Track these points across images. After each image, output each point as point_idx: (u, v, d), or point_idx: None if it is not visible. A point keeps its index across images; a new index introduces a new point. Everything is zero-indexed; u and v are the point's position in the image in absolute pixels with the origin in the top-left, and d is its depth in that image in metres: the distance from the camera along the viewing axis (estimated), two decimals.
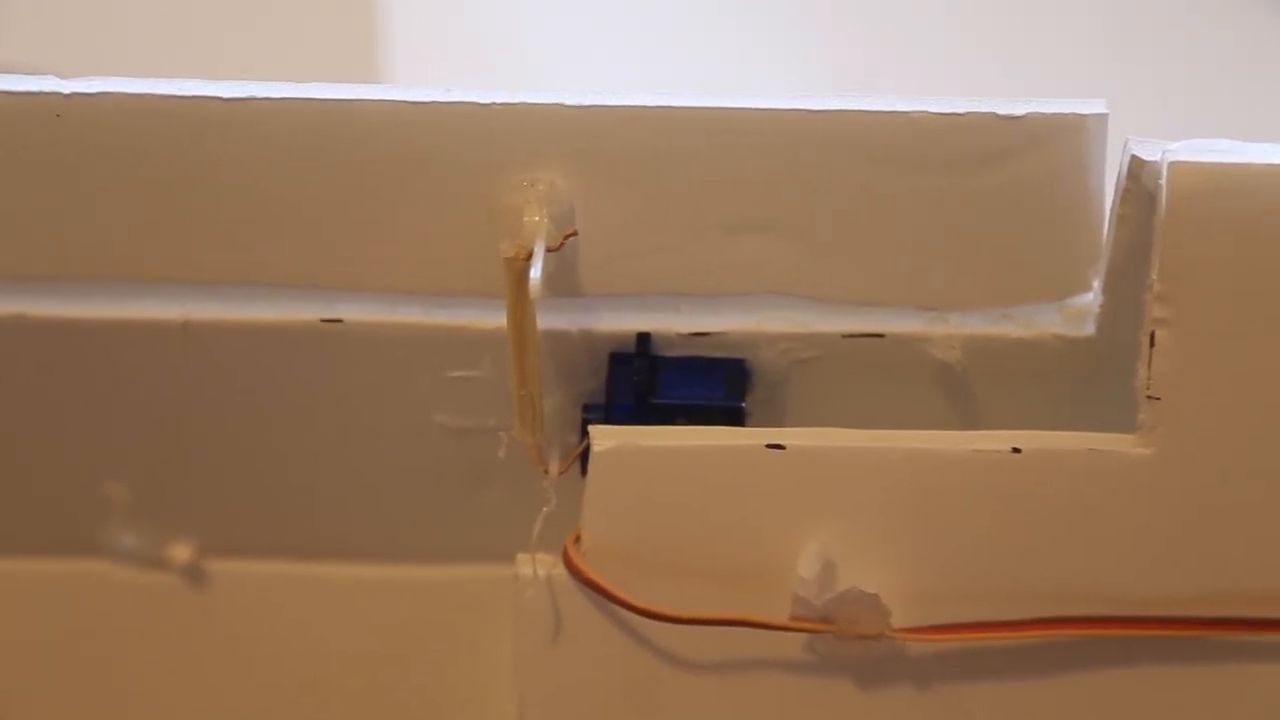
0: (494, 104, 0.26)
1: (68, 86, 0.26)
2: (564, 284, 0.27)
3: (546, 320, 0.27)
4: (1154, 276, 0.25)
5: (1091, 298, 0.27)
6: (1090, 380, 0.28)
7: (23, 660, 0.32)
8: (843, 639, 0.27)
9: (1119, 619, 0.27)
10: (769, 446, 0.26)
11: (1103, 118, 0.26)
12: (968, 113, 0.26)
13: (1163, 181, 0.25)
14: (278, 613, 0.32)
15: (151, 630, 0.32)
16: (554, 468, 0.27)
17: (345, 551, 0.31)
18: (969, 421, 0.28)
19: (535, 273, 0.25)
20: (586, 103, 0.26)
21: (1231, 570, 0.27)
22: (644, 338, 0.28)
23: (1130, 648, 0.28)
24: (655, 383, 0.28)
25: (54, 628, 0.32)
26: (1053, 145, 0.26)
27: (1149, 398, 0.26)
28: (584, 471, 0.27)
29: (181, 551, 0.31)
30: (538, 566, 0.27)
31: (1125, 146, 0.26)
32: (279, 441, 0.29)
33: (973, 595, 0.27)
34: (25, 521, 0.31)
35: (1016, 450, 0.26)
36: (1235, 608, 0.27)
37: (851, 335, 0.28)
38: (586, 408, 0.28)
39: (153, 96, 0.25)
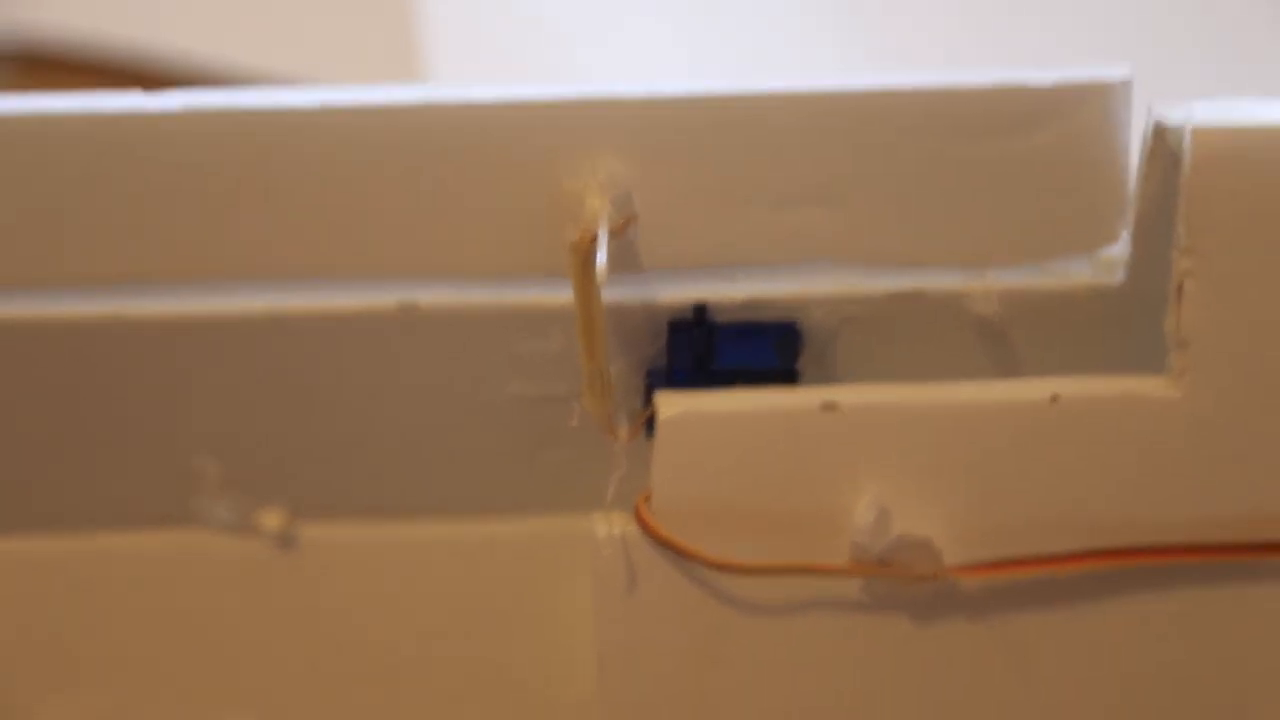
0: (554, 101, 0.27)
1: (154, 104, 0.27)
2: (624, 260, 0.28)
3: (609, 294, 0.28)
4: (1180, 231, 0.27)
5: (1120, 249, 0.29)
6: (1122, 325, 0.29)
7: (123, 629, 0.34)
8: (899, 580, 0.29)
9: (1155, 547, 0.29)
10: (823, 407, 0.28)
11: (1127, 84, 0.27)
12: (999, 85, 0.27)
13: (1186, 144, 0.26)
14: (364, 567, 0.33)
15: (247, 592, 0.33)
16: (623, 433, 0.29)
17: (427, 510, 0.33)
18: (1009, 370, 0.29)
19: (601, 258, 0.27)
20: (639, 95, 0.27)
21: (1256, 497, 0.29)
22: (700, 307, 0.29)
23: (1165, 574, 0.29)
24: (713, 348, 0.29)
25: (150, 597, 0.33)
26: (1080, 110, 0.27)
27: (1178, 344, 0.28)
28: (649, 434, 0.29)
29: (273, 518, 0.33)
30: (613, 526, 0.29)
31: (1150, 110, 0.27)
32: (362, 415, 0.31)
33: (1018, 534, 0.29)
34: (121, 497, 0.33)
35: (1055, 398, 0.28)
36: (1261, 531, 0.29)
37: (895, 294, 0.29)
38: (650, 374, 0.29)
39: (236, 111, 0.27)
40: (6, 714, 0.35)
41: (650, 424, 0.29)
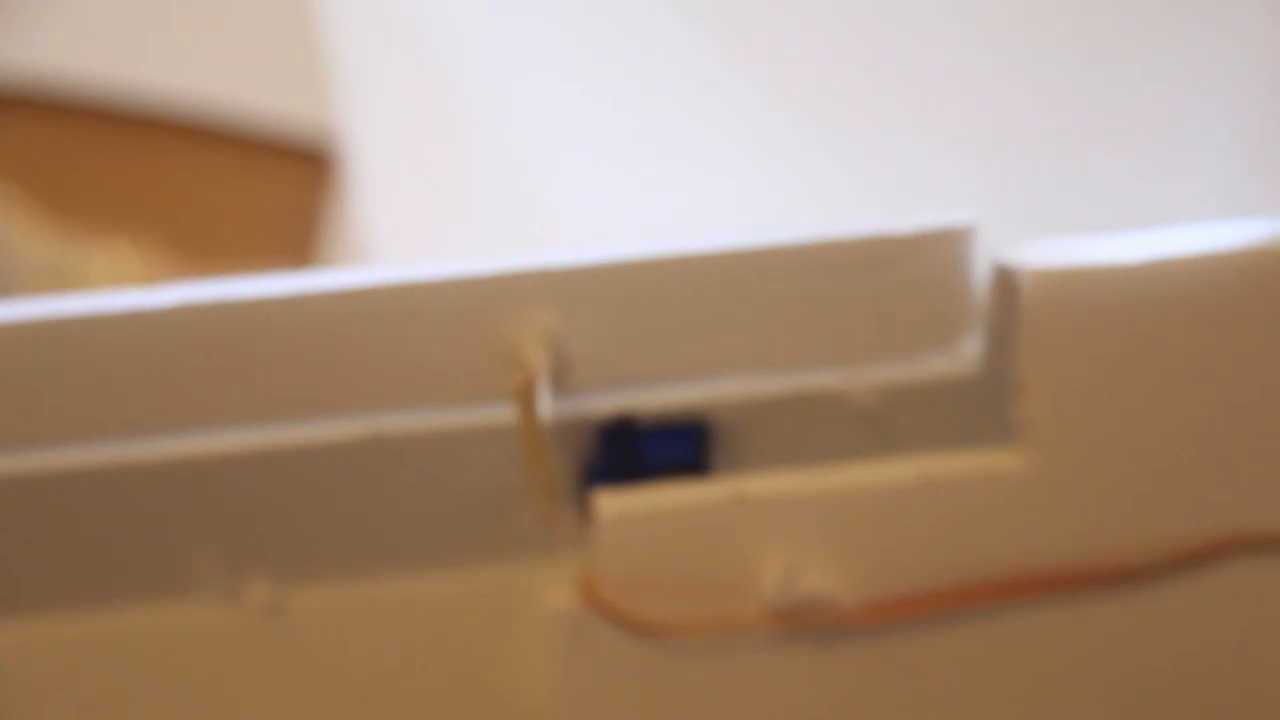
0: (492, 273, 0.32)
1: (151, 301, 0.31)
2: (560, 383, 0.33)
3: (547, 410, 0.33)
4: (1021, 343, 0.32)
5: (972, 345, 0.34)
6: (976, 404, 0.34)
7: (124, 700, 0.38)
8: (804, 628, 0.35)
9: (1009, 583, 0.35)
10: (732, 498, 0.33)
11: (971, 229, 0.32)
12: (867, 235, 0.32)
13: (1023, 283, 0.32)
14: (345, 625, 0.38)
15: (236, 658, 0.37)
16: (567, 527, 0.34)
17: (400, 567, 0.36)
18: (886, 446, 0.34)
19: (544, 404, 0.32)
20: (565, 263, 0.32)
21: (1088, 538, 0.34)
22: (626, 416, 0.34)
23: (1020, 605, 0.35)
24: (638, 448, 0.34)
25: (145, 672, 0.37)
26: (934, 248, 0.32)
27: (1024, 427, 0.33)
28: (588, 522, 0.34)
29: (259, 590, 0.37)
30: (562, 600, 0.34)
31: (992, 255, 0.32)
32: (342, 512, 0.35)
33: (901, 582, 0.34)
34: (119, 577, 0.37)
35: (924, 476, 0.33)
36: (1093, 563, 0.35)
37: (787, 394, 0.34)
38: (587, 471, 0.34)
39: (223, 302, 0.31)
40: None
41: (587, 506, 0.34)
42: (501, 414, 0.34)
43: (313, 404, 0.33)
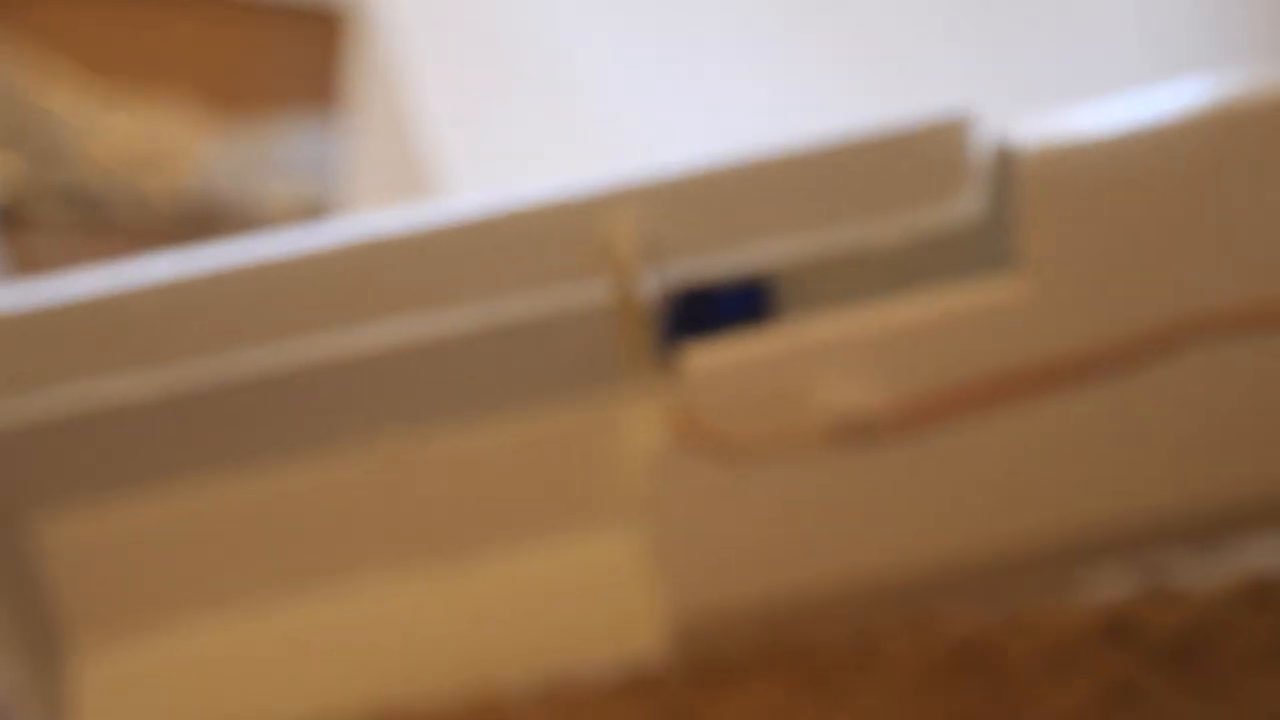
0: (588, 189, 0.38)
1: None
2: (645, 268, 0.40)
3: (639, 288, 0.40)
4: (1020, 202, 0.39)
5: (975, 198, 0.40)
6: (980, 246, 0.41)
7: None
8: (858, 437, 0.42)
9: (1022, 382, 0.42)
10: (797, 339, 0.41)
11: (974, 115, 0.39)
12: (889, 129, 0.39)
13: (1023, 156, 0.38)
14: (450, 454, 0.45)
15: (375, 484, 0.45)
16: (659, 374, 0.41)
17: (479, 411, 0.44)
18: (909, 281, 0.41)
19: (647, 287, 0.39)
20: (645, 175, 0.38)
21: (1078, 343, 0.42)
22: (697, 282, 0.41)
23: (1022, 404, 0.42)
24: (712, 306, 0.41)
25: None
26: (945, 131, 0.39)
27: (1026, 261, 0.40)
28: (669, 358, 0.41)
29: (390, 436, 0.43)
30: (659, 434, 0.41)
31: (995, 132, 0.39)
32: (455, 370, 0.42)
33: (930, 395, 0.42)
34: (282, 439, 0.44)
35: (948, 307, 0.41)
36: (1080, 356, 0.42)
37: (827, 251, 0.40)
38: (670, 332, 0.41)
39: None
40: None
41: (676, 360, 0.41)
42: (595, 292, 0.40)
43: (449, 297, 0.40)
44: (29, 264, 0.63)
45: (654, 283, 0.40)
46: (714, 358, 0.41)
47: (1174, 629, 0.49)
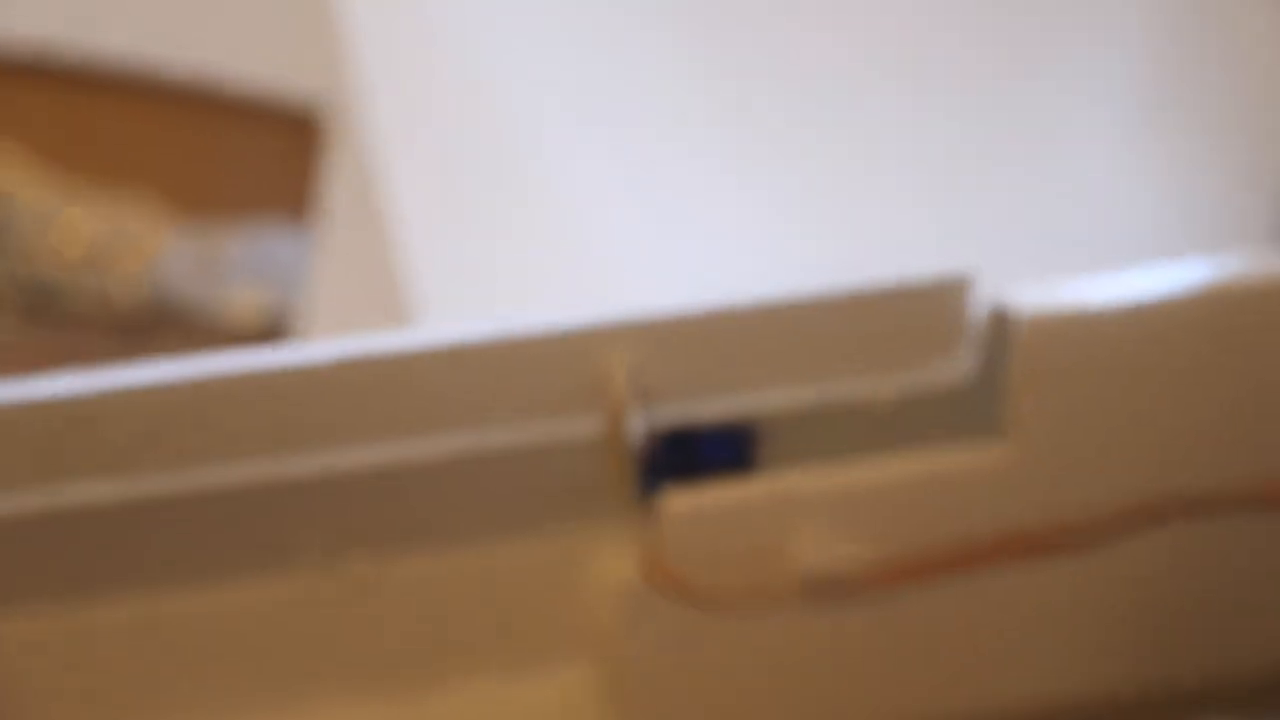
0: (586, 324, 0.38)
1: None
2: (635, 407, 0.40)
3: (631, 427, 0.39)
4: (1014, 369, 0.39)
5: (966, 360, 0.40)
6: (971, 406, 0.41)
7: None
8: (833, 594, 0.42)
9: (994, 550, 0.42)
10: (778, 491, 0.40)
11: (972, 277, 0.39)
12: (890, 287, 0.39)
13: (1018, 321, 0.39)
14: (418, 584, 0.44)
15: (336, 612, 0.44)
16: (638, 517, 0.41)
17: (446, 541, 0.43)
18: (896, 440, 0.41)
19: (635, 427, 0.39)
20: (642, 316, 0.38)
21: (1061, 513, 0.42)
22: (683, 424, 0.40)
23: (1006, 569, 0.42)
24: (696, 448, 0.41)
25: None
26: (945, 290, 0.39)
27: (1014, 428, 0.40)
28: (648, 499, 0.41)
29: (356, 563, 0.43)
30: (633, 575, 0.41)
31: (991, 296, 0.39)
32: (431, 498, 0.42)
33: (911, 554, 0.41)
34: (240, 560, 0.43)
35: (934, 470, 0.41)
36: (1061, 528, 0.42)
37: (817, 402, 0.40)
38: (652, 473, 0.40)
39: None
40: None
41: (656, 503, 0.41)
42: (582, 428, 0.40)
43: (429, 424, 0.40)
44: None
45: (641, 422, 0.40)
46: (691, 503, 0.40)
47: None
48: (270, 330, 0.63)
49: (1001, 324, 0.39)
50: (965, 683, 0.45)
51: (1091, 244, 0.57)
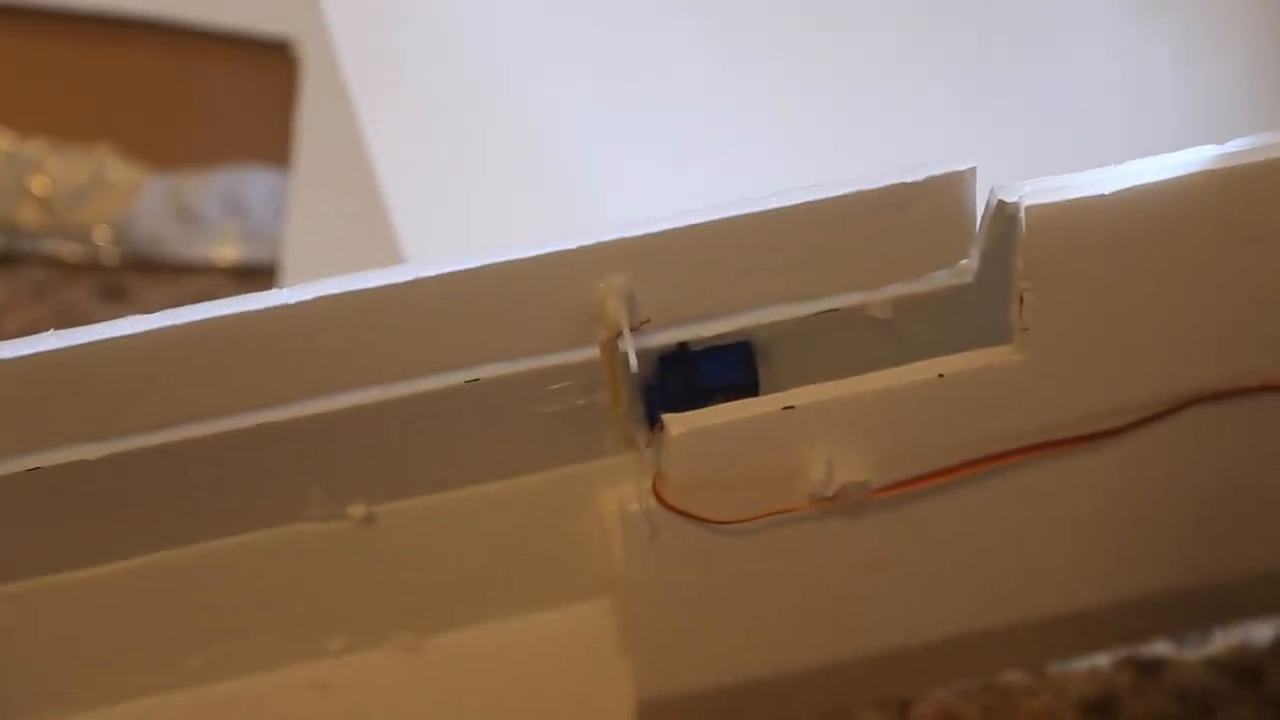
0: (577, 248, 0.37)
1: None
2: (632, 333, 0.38)
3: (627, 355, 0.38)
4: (1019, 266, 0.39)
5: (969, 261, 0.39)
6: (972, 309, 0.40)
7: (251, 593, 0.43)
8: (843, 506, 0.41)
9: (1008, 452, 0.41)
10: (783, 409, 0.39)
11: (973, 170, 0.38)
12: (883, 186, 0.38)
13: (1021, 215, 0.37)
14: (423, 528, 0.43)
15: (339, 557, 0.43)
16: (642, 443, 0.40)
17: (471, 480, 0.42)
18: (903, 353, 0.40)
19: (631, 354, 0.38)
20: (635, 233, 0.37)
21: (1072, 410, 0.41)
22: (683, 344, 0.39)
23: (1018, 467, 0.41)
24: (695, 370, 0.40)
25: (273, 567, 0.43)
26: (941, 190, 0.38)
27: (1021, 329, 0.39)
28: (652, 428, 0.40)
29: (358, 509, 0.42)
30: (641, 500, 0.40)
31: (991, 191, 0.39)
32: (431, 441, 0.41)
33: (923, 462, 0.41)
34: (237, 515, 0.42)
35: (941, 374, 0.40)
36: (1076, 430, 0.41)
37: (818, 313, 0.39)
38: (648, 391, 0.39)
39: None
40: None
41: (654, 423, 0.40)
42: (582, 355, 0.39)
43: (425, 366, 0.39)
44: None
45: (639, 348, 0.39)
46: (694, 425, 0.39)
47: (1153, 710, 0.48)
48: (253, 274, 0.62)
49: (1004, 219, 0.38)
50: (990, 595, 0.44)
51: (1096, 143, 0.56)
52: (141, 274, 0.63)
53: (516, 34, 0.56)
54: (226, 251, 0.63)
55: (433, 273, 0.37)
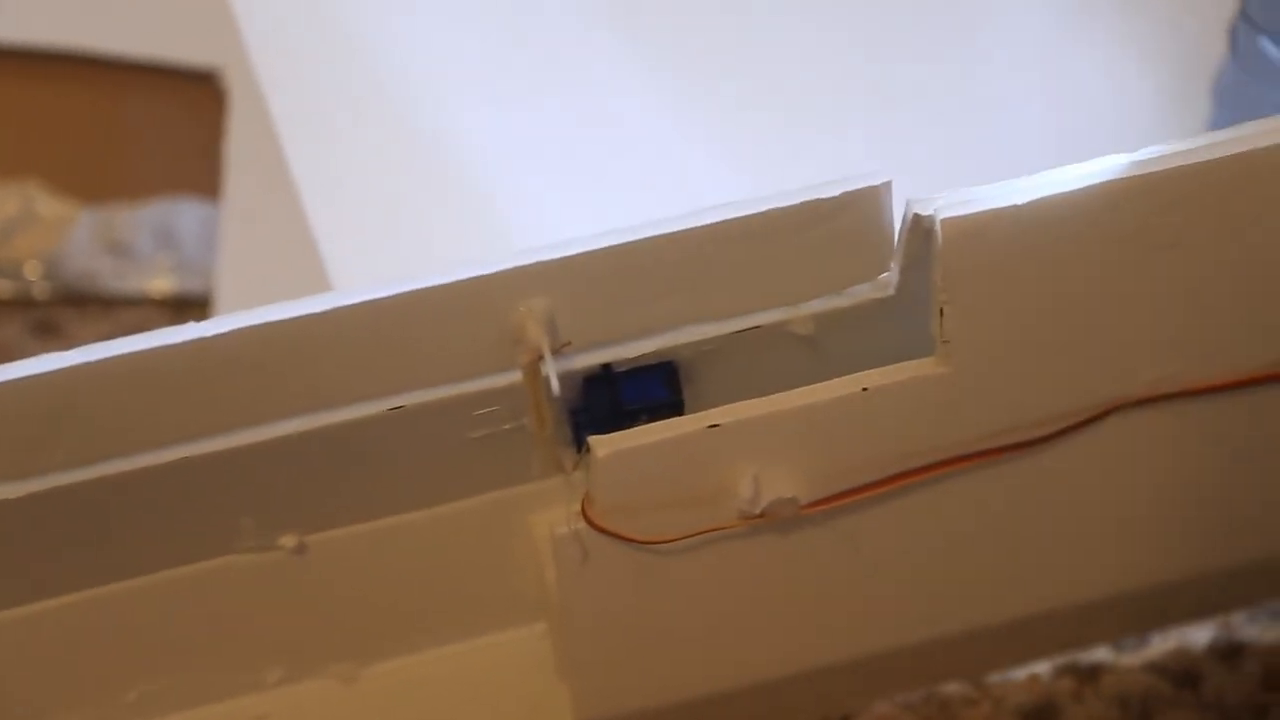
0: (497, 271, 0.37)
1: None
2: (554, 355, 0.39)
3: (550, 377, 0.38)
4: (936, 278, 0.39)
5: (889, 275, 0.40)
6: (893, 322, 0.40)
7: (188, 625, 0.43)
8: (771, 523, 0.41)
9: (931, 465, 0.41)
10: (707, 428, 0.39)
11: (888, 184, 0.39)
12: (803, 201, 0.39)
13: (937, 228, 0.38)
14: (355, 556, 0.43)
15: (272, 588, 0.43)
16: (569, 466, 0.40)
17: (402, 507, 0.42)
18: (826, 368, 0.40)
19: (553, 377, 0.38)
20: (555, 255, 0.37)
21: (992, 422, 0.41)
22: (606, 365, 0.40)
23: (942, 479, 0.42)
24: (618, 391, 0.40)
25: (208, 601, 0.43)
26: (859, 203, 0.38)
27: (942, 341, 0.39)
28: (579, 450, 0.40)
29: (289, 540, 0.42)
30: (569, 524, 0.40)
31: (907, 204, 0.39)
32: (366, 468, 0.41)
33: (852, 476, 0.41)
34: (167, 549, 0.42)
35: (865, 389, 0.40)
36: (994, 441, 0.41)
37: (739, 331, 0.40)
38: (574, 414, 0.40)
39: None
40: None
41: (584, 452, 0.40)
42: (505, 379, 0.39)
43: (350, 394, 0.39)
44: None
45: (563, 368, 0.39)
46: (619, 447, 0.39)
47: (1093, 715, 0.49)
48: (187, 306, 0.62)
49: (920, 232, 0.38)
50: (925, 606, 0.44)
51: (1020, 154, 0.56)
52: (74, 308, 0.63)
53: (438, 61, 0.57)
54: (160, 284, 0.63)
55: (353, 301, 0.37)
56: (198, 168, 0.63)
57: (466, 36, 0.57)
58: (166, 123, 0.65)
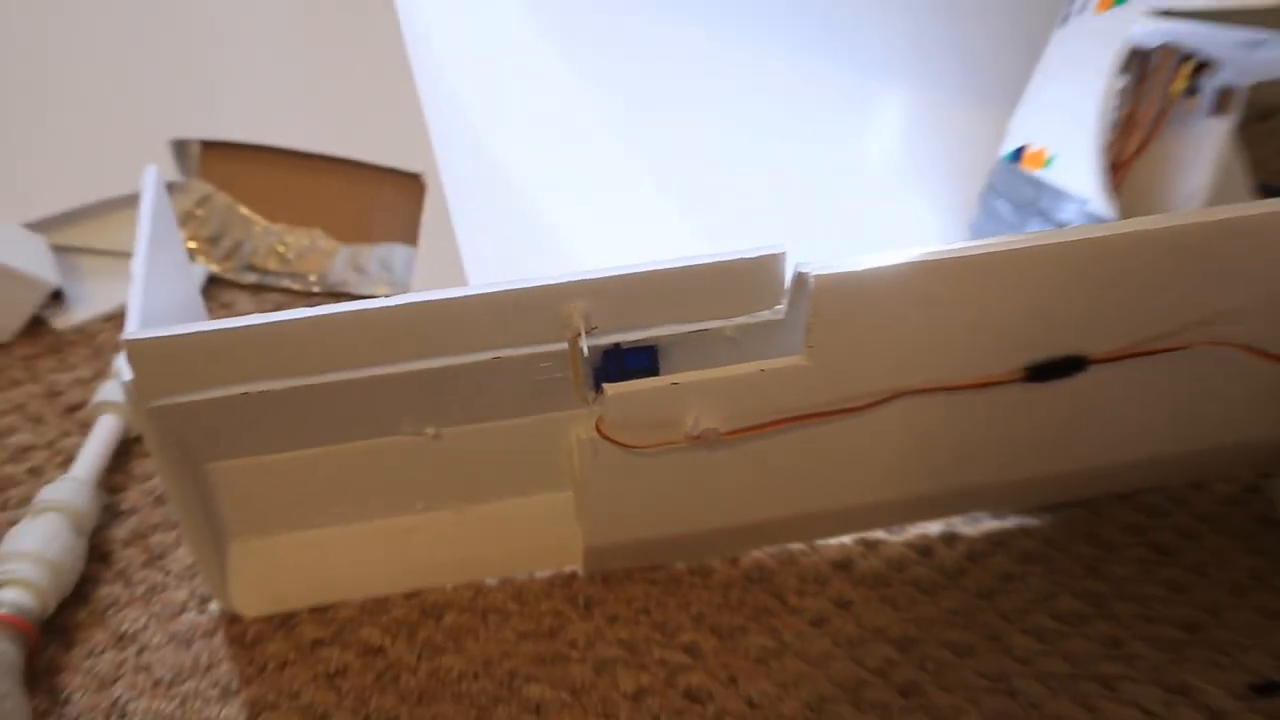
0: (556, 282, 0.36)
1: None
2: (587, 335, 0.38)
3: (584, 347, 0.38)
4: (809, 309, 0.37)
5: (782, 306, 0.39)
6: (782, 334, 0.39)
7: (360, 474, 0.42)
8: (703, 442, 0.40)
9: (805, 415, 0.40)
10: (671, 384, 0.38)
11: (784, 253, 0.37)
12: (734, 259, 0.37)
13: (811, 283, 0.37)
14: (470, 443, 0.42)
15: (420, 457, 0.42)
16: (590, 400, 0.39)
17: (497, 416, 0.41)
18: (743, 359, 0.39)
19: (585, 348, 0.37)
20: (595, 274, 0.36)
21: (838, 393, 0.40)
22: (617, 345, 0.38)
23: (805, 427, 0.40)
24: (622, 360, 0.39)
25: (373, 462, 0.41)
26: (768, 262, 0.37)
27: (808, 346, 0.38)
28: (597, 391, 0.39)
29: (431, 430, 0.41)
30: (589, 433, 0.39)
31: (795, 266, 0.37)
32: (474, 392, 0.39)
33: (753, 419, 0.39)
34: (360, 428, 0.41)
35: (762, 370, 0.39)
36: (844, 404, 0.40)
37: (692, 331, 0.39)
38: (595, 370, 0.39)
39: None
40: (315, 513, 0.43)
41: (599, 388, 0.39)
42: (558, 347, 0.38)
43: (470, 346, 0.38)
44: (227, 309, 0.60)
45: (591, 344, 0.38)
46: (621, 392, 0.38)
47: (873, 567, 0.47)
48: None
49: (801, 283, 0.37)
50: (799, 497, 0.43)
51: (878, 222, 0.52)
52: (333, 299, 0.62)
53: (539, 150, 0.54)
54: (380, 290, 0.62)
55: (475, 293, 0.36)
56: (407, 226, 0.61)
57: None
58: (393, 200, 0.63)
